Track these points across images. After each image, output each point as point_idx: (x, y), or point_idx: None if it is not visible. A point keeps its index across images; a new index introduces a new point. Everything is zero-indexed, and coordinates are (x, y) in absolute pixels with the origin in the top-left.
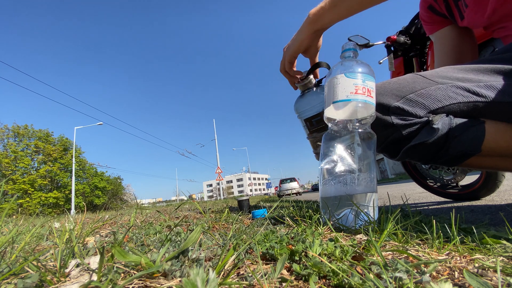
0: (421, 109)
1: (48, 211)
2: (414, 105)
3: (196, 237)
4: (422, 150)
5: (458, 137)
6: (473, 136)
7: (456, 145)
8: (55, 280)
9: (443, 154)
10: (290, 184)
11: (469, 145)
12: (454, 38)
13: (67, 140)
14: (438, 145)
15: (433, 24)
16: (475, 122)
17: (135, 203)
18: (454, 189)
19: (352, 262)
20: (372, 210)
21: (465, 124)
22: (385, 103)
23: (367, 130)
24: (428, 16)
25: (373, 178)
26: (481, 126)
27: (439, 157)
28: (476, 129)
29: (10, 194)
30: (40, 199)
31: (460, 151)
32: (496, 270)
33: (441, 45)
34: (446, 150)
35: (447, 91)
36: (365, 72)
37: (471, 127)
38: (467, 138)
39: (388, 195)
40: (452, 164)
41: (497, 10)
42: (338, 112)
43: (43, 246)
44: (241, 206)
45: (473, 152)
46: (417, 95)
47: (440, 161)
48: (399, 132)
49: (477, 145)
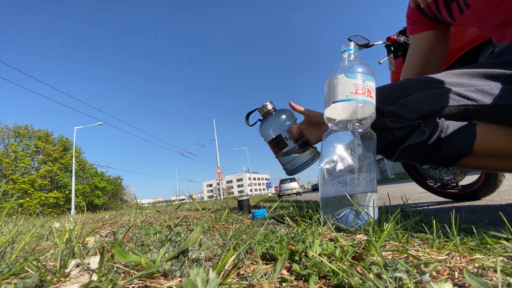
0: (412, 112)
1: (48, 211)
2: (407, 109)
3: (196, 237)
4: (416, 151)
5: (450, 138)
6: (465, 137)
7: (448, 146)
8: (55, 280)
9: (436, 155)
10: (290, 184)
11: (461, 146)
12: (430, 44)
13: (67, 140)
14: (430, 146)
15: (417, 25)
16: (467, 124)
17: (135, 203)
18: (454, 189)
19: (352, 262)
20: (372, 210)
21: (457, 125)
22: (380, 107)
23: (367, 130)
24: (415, 16)
25: (373, 178)
26: (473, 128)
27: (433, 158)
28: (468, 131)
29: (10, 194)
30: (40, 199)
31: (452, 152)
32: (496, 270)
33: (415, 49)
34: (439, 152)
35: (439, 95)
36: (365, 72)
37: (463, 129)
38: (458, 139)
39: (388, 195)
40: (447, 165)
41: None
42: (338, 112)
43: (43, 246)
44: (241, 206)
45: (465, 153)
46: (409, 100)
47: (434, 162)
48: (394, 135)
49: (468, 146)
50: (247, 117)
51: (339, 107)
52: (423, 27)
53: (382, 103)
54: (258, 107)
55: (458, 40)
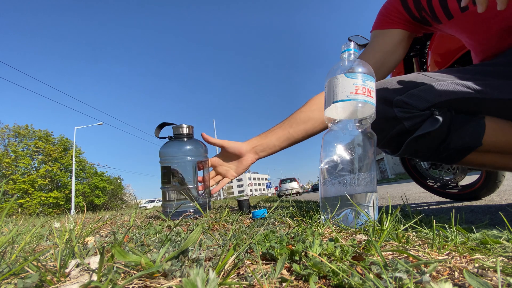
0: (423, 102)
1: (48, 211)
2: (417, 99)
3: (196, 237)
4: (424, 143)
5: (459, 130)
6: (474, 129)
7: (457, 138)
8: (55, 280)
9: (444, 148)
10: (290, 184)
11: (470, 138)
12: (396, 43)
13: (67, 140)
14: (440, 138)
15: (393, 22)
16: (475, 117)
17: (135, 203)
18: (454, 189)
19: (352, 262)
20: (372, 210)
21: (466, 118)
22: (388, 97)
23: (367, 130)
24: (396, 13)
25: (373, 178)
26: (482, 120)
27: (440, 152)
28: (477, 123)
29: (10, 194)
30: (40, 199)
31: (461, 145)
32: (496, 270)
33: (380, 44)
34: (448, 144)
35: (448, 86)
36: (365, 72)
37: (472, 121)
38: (468, 131)
39: (388, 195)
40: (453, 160)
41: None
42: (338, 112)
43: (43, 246)
44: (241, 206)
45: (474, 145)
46: (420, 90)
47: (441, 157)
48: (402, 125)
49: (478, 138)
50: (160, 127)
51: (339, 107)
52: (398, 25)
53: (391, 93)
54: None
55: (458, 40)
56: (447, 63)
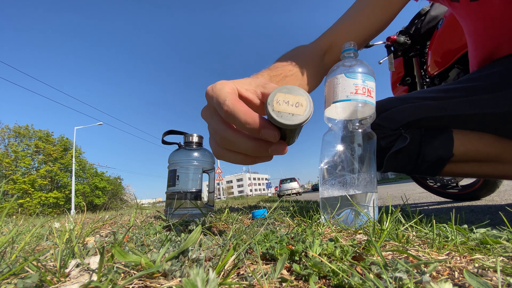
0: (393, 123)
1: (48, 211)
2: (388, 120)
3: (196, 237)
4: (403, 158)
5: (430, 144)
6: (443, 141)
7: (430, 151)
8: (55, 280)
9: (421, 161)
10: (290, 184)
11: (441, 149)
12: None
13: (67, 140)
14: (414, 152)
15: None
16: (443, 130)
17: (135, 203)
18: (454, 189)
19: (352, 262)
20: (372, 210)
21: (434, 132)
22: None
23: (367, 130)
24: None
25: (373, 178)
26: (449, 133)
27: (419, 165)
28: (445, 136)
29: (10, 194)
30: (40, 199)
31: (435, 157)
32: (496, 270)
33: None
34: (423, 157)
35: (417, 108)
36: (365, 72)
37: (440, 134)
38: (438, 143)
39: (388, 195)
40: (434, 172)
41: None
42: (338, 112)
43: (43, 246)
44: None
45: (447, 156)
46: (390, 113)
47: (422, 169)
48: (379, 144)
49: (448, 149)
50: (166, 133)
51: (339, 107)
52: None
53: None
54: (184, 132)
55: (458, 40)
56: (447, 63)
